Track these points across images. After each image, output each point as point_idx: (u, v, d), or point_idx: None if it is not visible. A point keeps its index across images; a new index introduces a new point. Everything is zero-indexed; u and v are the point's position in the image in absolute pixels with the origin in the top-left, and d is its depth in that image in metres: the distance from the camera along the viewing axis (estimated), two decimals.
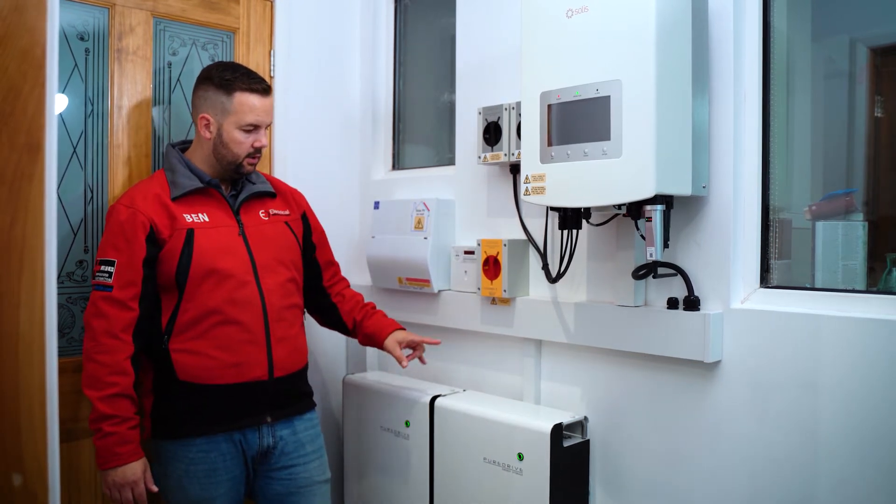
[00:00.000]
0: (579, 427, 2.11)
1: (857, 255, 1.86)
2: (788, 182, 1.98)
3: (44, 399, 0.97)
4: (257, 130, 2.03)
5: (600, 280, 2.10)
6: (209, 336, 1.95)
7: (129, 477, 1.86)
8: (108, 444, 1.84)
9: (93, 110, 2.22)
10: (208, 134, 2.01)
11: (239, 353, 1.97)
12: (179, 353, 1.94)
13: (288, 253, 2.13)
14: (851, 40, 2.08)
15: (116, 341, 1.87)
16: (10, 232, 0.94)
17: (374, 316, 2.29)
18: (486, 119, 2.27)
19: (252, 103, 2.00)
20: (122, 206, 1.94)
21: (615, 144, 1.70)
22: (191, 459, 1.95)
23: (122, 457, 1.84)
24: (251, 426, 2.01)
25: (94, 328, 1.87)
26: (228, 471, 1.99)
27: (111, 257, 1.90)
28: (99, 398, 1.83)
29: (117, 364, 1.86)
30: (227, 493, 1.99)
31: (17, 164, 0.94)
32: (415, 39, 2.86)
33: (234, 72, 2.02)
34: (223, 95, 1.99)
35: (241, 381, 1.98)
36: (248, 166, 2.05)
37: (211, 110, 2.00)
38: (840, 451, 1.66)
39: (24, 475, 0.97)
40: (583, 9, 1.76)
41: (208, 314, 1.95)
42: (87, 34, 2.20)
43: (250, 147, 2.02)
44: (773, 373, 1.76)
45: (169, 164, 2.04)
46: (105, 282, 1.89)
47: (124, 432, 1.85)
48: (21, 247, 0.95)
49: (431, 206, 2.46)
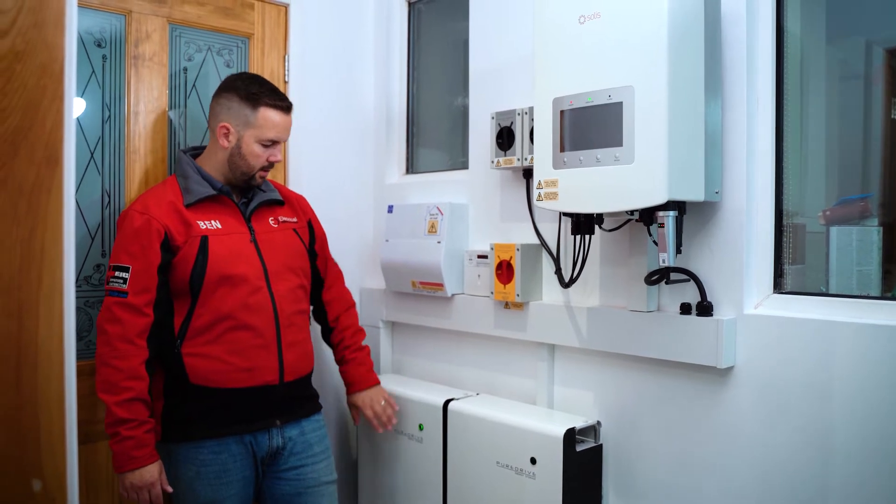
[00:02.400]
0: (592, 431, 2.11)
1: (872, 260, 1.85)
2: (802, 186, 1.97)
3: (62, 407, 0.99)
4: (275, 146, 2.06)
5: (613, 285, 2.10)
6: (222, 340, 1.97)
7: (146, 479, 1.88)
8: (125, 447, 1.86)
9: (110, 116, 2.25)
10: (226, 143, 2.03)
11: (251, 357, 2.00)
12: (192, 357, 1.97)
13: (297, 260, 2.16)
14: (867, 42, 2.06)
15: (131, 346, 1.89)
16: (28, 243, 0.96)
17: (352, 362, 2.32)
18: (500, 124, 2.28)
19: (275, 120, 2.04)
20: (135, 213, 1.95)
21: (627, 150, 1.70)
22: (202, 461, 1.97)
23: (139, 460, 1.87)
24: (261, 429, 2.04)
25: (109, 333, 1.89)
26: (238, 472, 2.01)
27: (126, 263, 1.92)
28: (115, 403, 1.85)
29: (133, 369, 1.88)
30: (237, 494, 2.01)
31: (35, 176, 0.96)
32: (428, 44, 2.87)
33: (261, 86, 2.05)
34: (248, 108, 2.02)
35: (252, 385, 2.00)
36: (259, 178, 2.09)
37: (233, 120, 2.02)
38: (853, 459, 1.66)
39: (43, 481, 0.99)
40: (595, 15, 1.76)
41: (222, 319, 1.97)
42: (104, 41, 2.23)
43: (265, 161, 2.06)
44: (786, 379, 1.75)
45: (181, 171, 2.06)
46: (120, 287, 1.90)
47: (141, 436, 1.87)
48: (40, 258, 0.97)
49: (445, 210, 2.47)
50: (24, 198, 0.95)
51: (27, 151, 0.95)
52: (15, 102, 0.93)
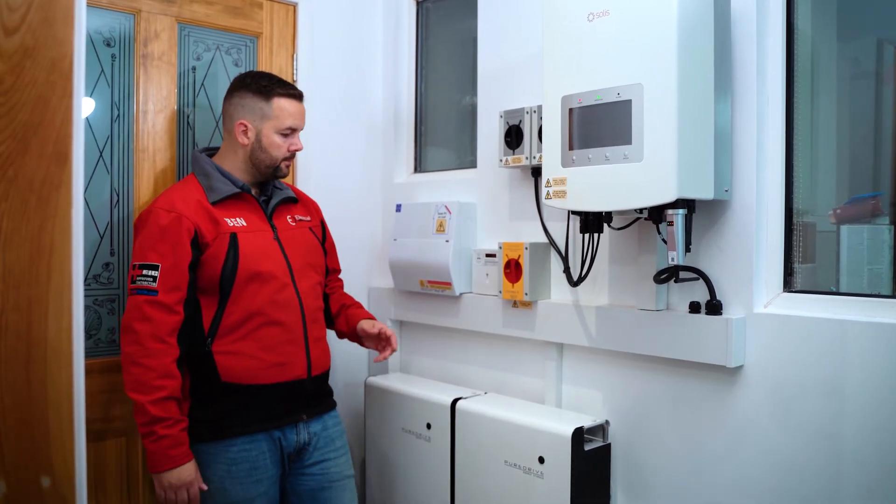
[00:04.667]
0: (601, 431, 2.10)
1: (883, 259, 1.83)
2: (813, 185, 1.96)
3: (71, 403, 0.99)
4: (293, 134, 2.08)
5: (622, 284, 2.09)
6: (253, 337, 1.98)
7: (184, 478, 1.86)
8: (162, 447, 1.83)
9: (119, 115, 2.25)
10: (246, 140, 2.04)
11: (282, 353, 2.01)
12: (223, 356, 1.96)
13: (315, 257, 2.18)
14: (878, 40, 2.05)
15: (163, 345, 1.87)
16: (38, 239, 0.96)
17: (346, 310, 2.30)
18: (508, 122, 2.27)
19: (290, 108, 2.06)
20: (162, 211, 1.93)
21: (637, 148, 1.70)
22: (232, 459, 1.96)
23: (176, 459, 1.85)
24: (289, 424, 2.04)
25: (139, 332, 1.86)
26: (267, 469, 2.00)
27: (154, 261, 1.89)
28: (150, 402, 1.82)
29: (164, 367, 1.86)
30: (266, 492, 2.00)
31: (45, 172, 0.96)
32: (436, 43, 2.87)
33: (270, 79, 2.07)
34: (262, 101, 2.03)
35: (283, 381, 2.01)
36: (284, 168, 2.10)
37: (249, 116, 2.03)
38: (865, 459, 1.64)
39: (52, 478, 0.99)
40: (604, 12, 1.75)
41: (252, 316, 1.98)
42: (113, 40, 2.23)
43: (287, 151, 2.07)
44: (796, 378, 1.75)
45: (202, 170, 2.06)
46: (149, 286, 1.88)
47: (176, 434, 1.85)
48: (49, 254, 0.97)
49: (453, 209, 2.47)
50: (33, 194, 0.95)
51: (37, 148, 0.95)
52: (25, 98, 0.93)
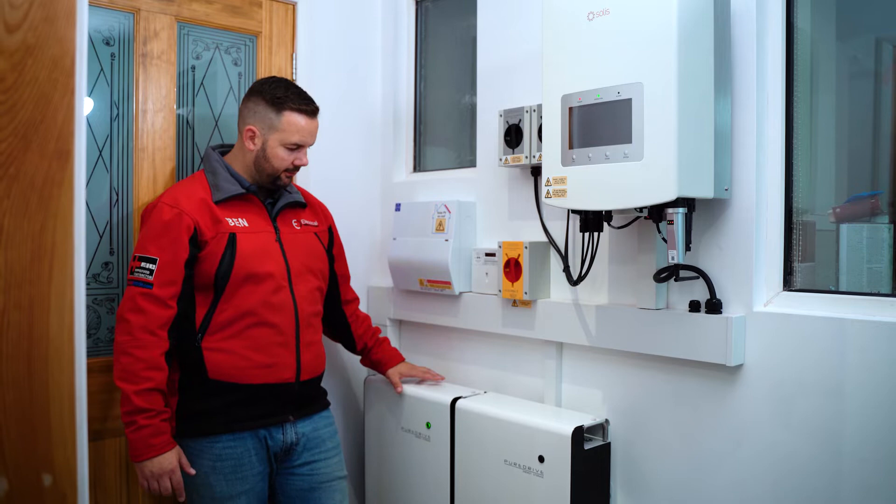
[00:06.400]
0: (600, 430, 2.11)
1: (883, 257, 1.84)
2: (812, 184, 1.96)
3: (73, 402, 0.99)
4: (300, 149, 2.08)
5: (622, 283, 2.09)
6: (243, 336, 1.99)
7: (165, 466, 1.88)
8: (142, 436, 1.86)
9: (118, 114, 2.25)
10: (252, 146, 2.05)
11: (271, 354, 2.02)
12: (212, 352, 1.98)
13: (317, 262, 2.18)
14: (877, 39, 2.05)
15: (153, 337, 1.90)
16: (39, 238, 0.96)
17: (382, 345, 2.43)
18: (508, 121, 2.27)
19: (300, 124, 2.05)
20: (165, 206, 1.96)
21: (636, 147, 1.70)
22: (217, 456, 1.98)
23: (156, 447, 1.87)
24: (275, 423, 2.06)
25: (132, 323, 1.89)
26: (253, 466, 2.02)
27: (153, 255, 1.92)
28: (135, 392, 1.85)
29: (153, 359, 1.89)
30: (252, 489, 2.02)
31: (47, 170, 0.96)
32: (436, 42, 2.87)
33: (287, 90, 2.06)
34: (272, 112, 2.03)
35: (270, 382, 2.02)
36: (284, 179, 2.11)
37: (258, 124, 2.04)
38: (866, 458, 1.65)
39: (53, 476, 0.99)
40: (604, 11, 1.76)
41: (244, 315, 1.99)
42: (112, 39, 2.23)
43: (290, 164, 2.07)
44: (796, 377, 1.75)
45: (210, 167, 2.07)
46: (145, 278, 1.91)
47: (158, 424, 1.88)
48: (51, 252, 0.97)
49: (453, 208, 2.47)
50: (35, 192, 0.95)
51: (39, 146, 0.95)
52: (27, 96, 0.93)
